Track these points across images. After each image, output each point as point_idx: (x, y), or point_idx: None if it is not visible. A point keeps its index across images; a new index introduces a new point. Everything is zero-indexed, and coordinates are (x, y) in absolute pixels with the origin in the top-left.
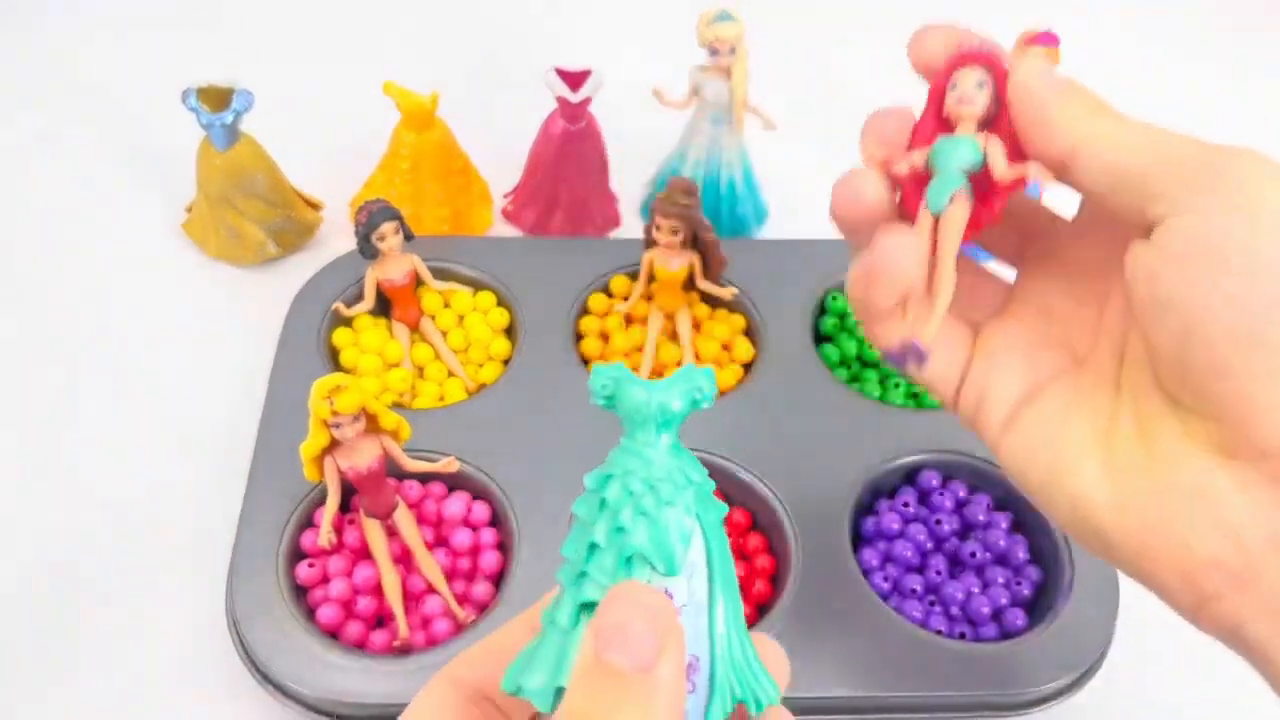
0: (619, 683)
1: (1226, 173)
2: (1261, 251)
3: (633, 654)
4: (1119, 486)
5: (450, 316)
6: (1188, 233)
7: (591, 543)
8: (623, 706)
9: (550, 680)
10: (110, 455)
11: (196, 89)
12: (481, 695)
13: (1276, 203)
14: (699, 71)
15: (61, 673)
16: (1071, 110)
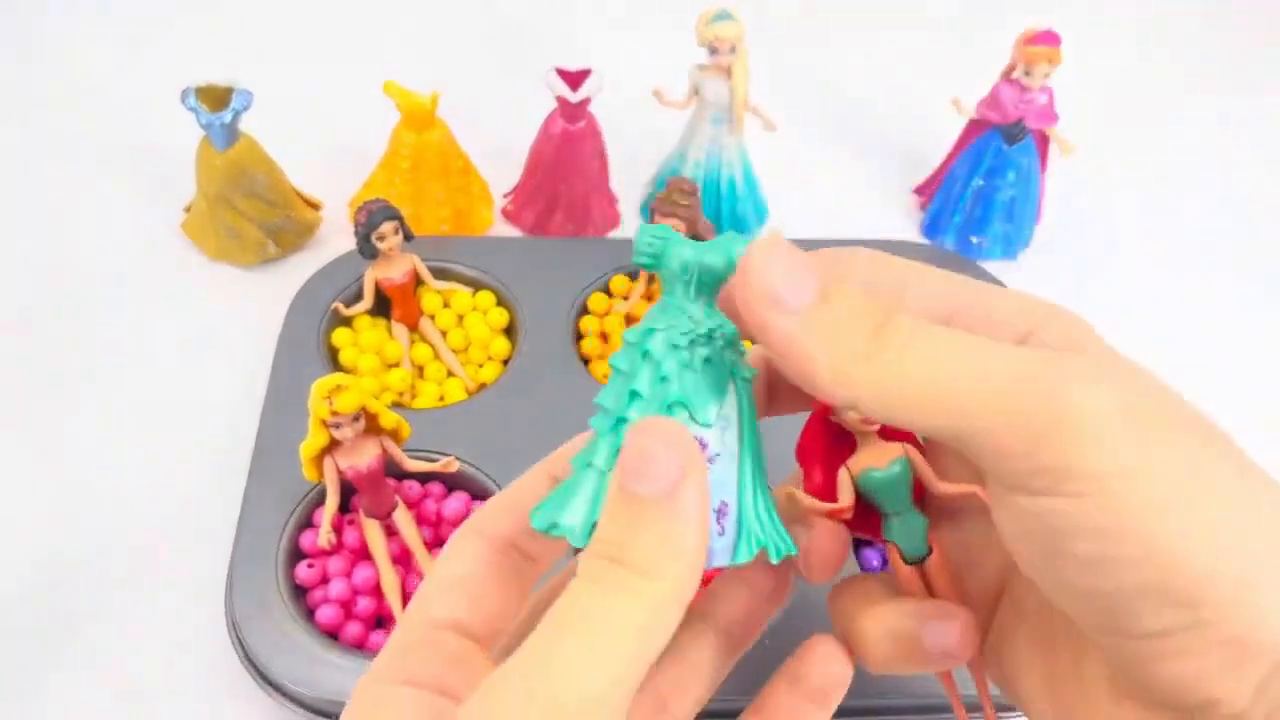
0: (642, 508)
1: (1052, 445)
2: (1100, 538)
3: (654, 480)
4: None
5: (450, 316)
6: (1026, 514)
7: (633, 391)
8: (646, 530)
9: (586, 517)
10: (109, 455)
11: (195, 88)
12: (509, 544)
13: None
14: (699, 71)
15: (61, 673)
16: (836, 355)
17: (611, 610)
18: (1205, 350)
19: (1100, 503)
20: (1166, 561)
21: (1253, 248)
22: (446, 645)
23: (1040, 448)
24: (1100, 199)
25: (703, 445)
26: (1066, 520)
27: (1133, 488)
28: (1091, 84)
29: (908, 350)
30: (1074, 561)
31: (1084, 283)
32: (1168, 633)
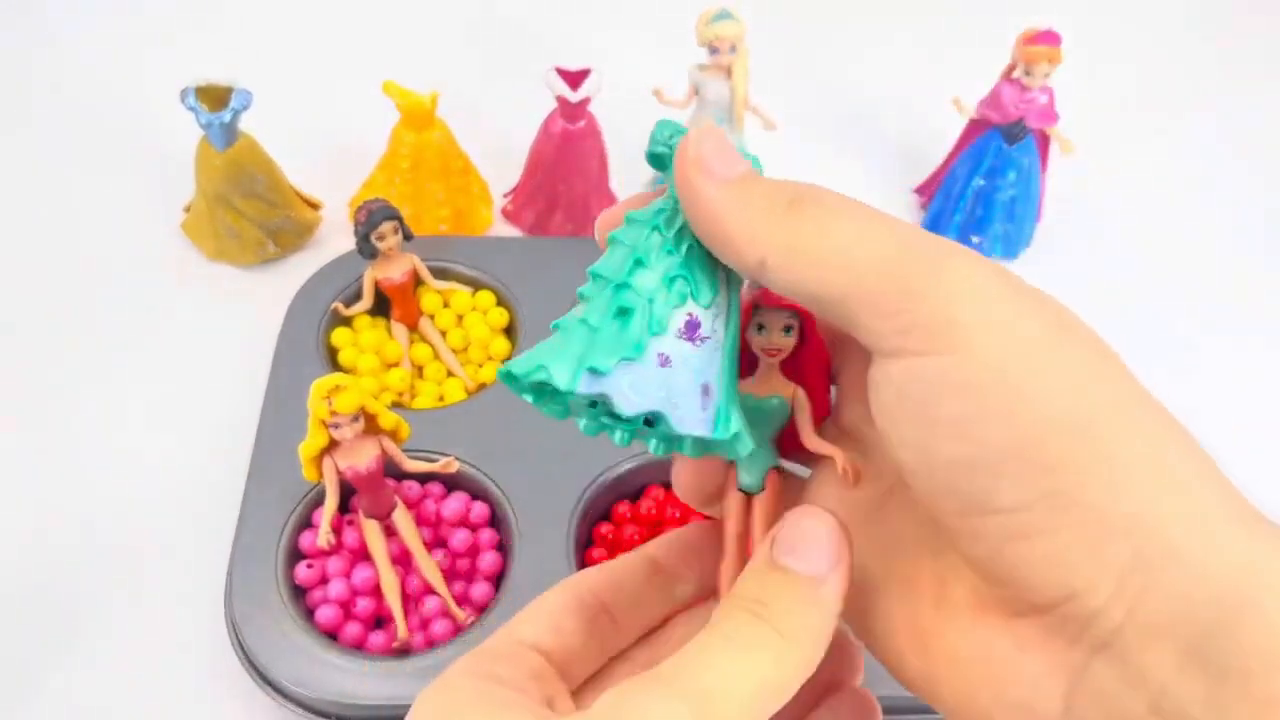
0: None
1: (925, 297)
2: (970, 394)
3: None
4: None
5: (449, 316)
6: (896, 379)
7: (638, 259)
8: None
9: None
10: (109, 454)
11: (195, 88)
12: (600, 605)
13: (980, 324)
14: (699, 71)
15: (61, 672)
16: (750, 216)
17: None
18: (1205, 349)
19: (971, 356)
20: (1030, 417)
21: (1253, 248)
22: (530, 660)
23: (918, 303)
24: (1100, 198)
25: (697, 325)
26: (938, 377)
27: (1002, 342)
28: (1092, 83)
29: (815, 215)
30: (944, 426)
31: (1084, 282)
32: (1027, 505)
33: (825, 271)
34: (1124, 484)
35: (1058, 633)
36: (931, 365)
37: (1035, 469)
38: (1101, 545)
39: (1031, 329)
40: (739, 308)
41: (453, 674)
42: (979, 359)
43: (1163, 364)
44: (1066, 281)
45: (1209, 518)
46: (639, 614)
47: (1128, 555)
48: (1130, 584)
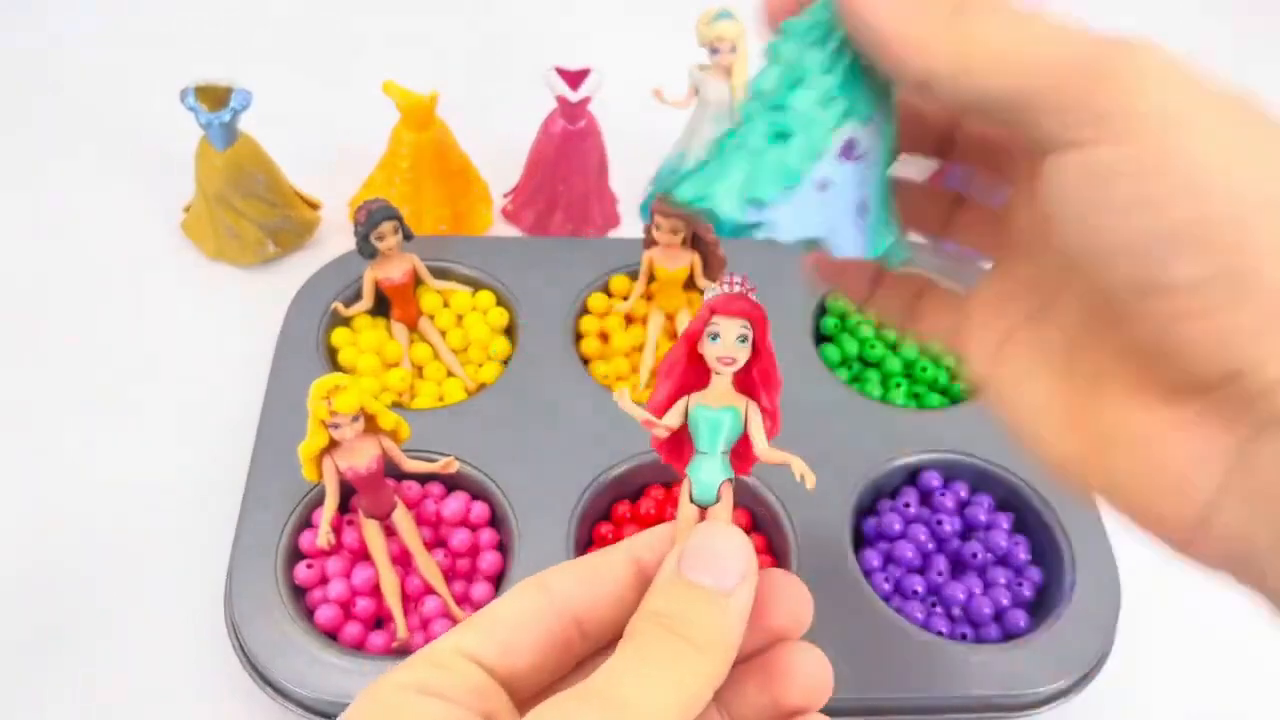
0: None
1: (1102, 88)
2: (1146, 178)
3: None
4: (1079, 439)
5: (449, 316)
6: (1075, 169)
7: (797, 76)
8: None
9: (740, 192)
10: (109, 455)
11: (195, 88)
12: (570, 614)
13: (1159, 111)
14: (699, 71)
15: (61, 673)
16: (916, 23)
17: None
18: None
19: (1146, 141)
20: (1207, 197)
21: None
22: (468, 674)
23: (1095, 95)
24: None
25: (854, 145)
26: (1112, 162)
27: (1179, 128)
28: None
29: (984, 18)
30: (1116, 208)
31: None
32: (1204, 281)
33: (1001, 77)
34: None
35: (1217, 413)
36: (1105, 152)
37: (1216, 246)
38: (1277, 323)
39: (1215, 115)
40: (894, 115)
41: (382, 685)
42: (1154, 145)
43: None
44: None
45: None
46: (614, 624)
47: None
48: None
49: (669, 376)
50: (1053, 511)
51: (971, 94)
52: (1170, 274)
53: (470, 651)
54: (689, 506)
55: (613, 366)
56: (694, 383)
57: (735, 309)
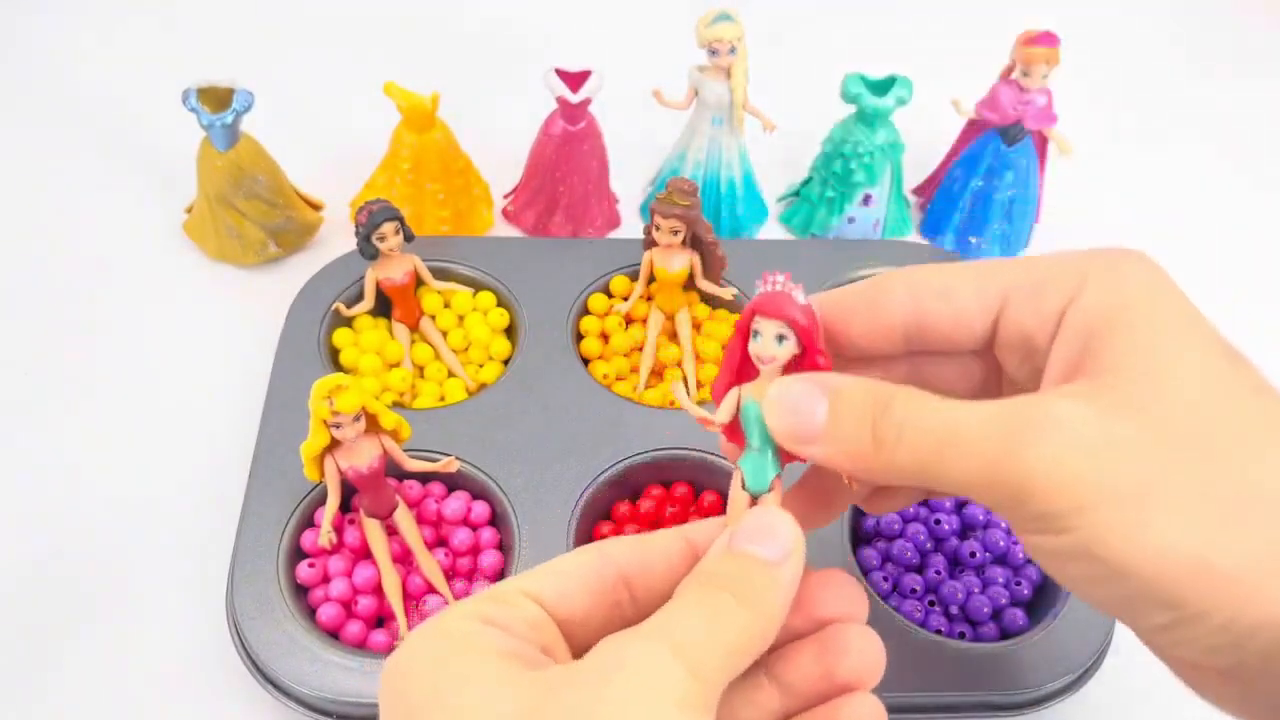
0: (754, 563)
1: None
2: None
3: (772, 547)
4: None
5: (450, 317)
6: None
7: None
8: (755, 577)
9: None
10: (111, 454)
11: (197, 89)
12: (622, 578)
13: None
14: (698, 72)
15: (61, 671)
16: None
17: (716, 622)
18: None
19: (1080, 536)
20: (1145, 576)
21: (1253, 248)
22: (527, 610)
23: (1022, 506)
24: (1100, 199)
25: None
26: (1060, 550)
27: (1099, 520)
28: (1092, 83)
29: (899, 445)
30: (1076, 578)
31: None
32: (1165, 627)
33: (935, 482)
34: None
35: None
36: (1050, 542)
37: (1162, 608)
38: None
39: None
40: None
41: (447, 614)
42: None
43: None
44: None
45: None
46: (663, 594)
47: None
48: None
49: (726, 367)
50: None
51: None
52: (1138, 621)
53: (531, 591)
54: (740, 493)
55: (613, 367)
56: (749, 374)
57: (772, 310)
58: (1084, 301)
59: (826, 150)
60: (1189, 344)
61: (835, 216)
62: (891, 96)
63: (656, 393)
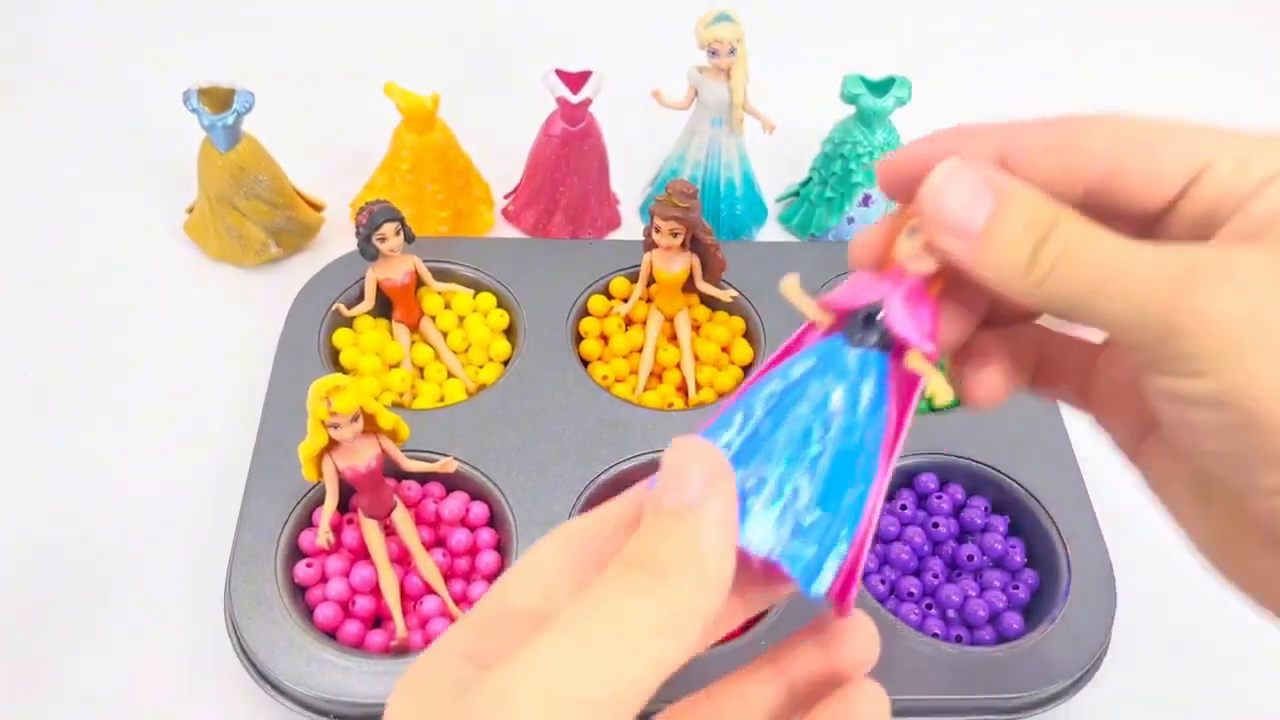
0: (669, 519)
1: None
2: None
3: (680, 492)
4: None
5: (450, 317)
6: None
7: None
8: (669, 538)
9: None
10: (110, 453)
11: (198, 90)
12: (593, 557)
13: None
14: (698, 73)
15: (60, 670)
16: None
17: (627, 609)
18: None
19: (1224, 380)
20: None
21: None
22: (521, 631)
23: (1166, 344)
24: None
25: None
26: (1194, 394)
27: (1250, 367)
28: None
29: (1059, 269)
30: (1198, 425)
31: None
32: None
33: (1078, 317)
34: None
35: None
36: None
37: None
38: None
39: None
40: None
41: (429, 652)
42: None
43: None
44: None
45: None
46: None
47: None
48: None
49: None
50: (1049, 515)
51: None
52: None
53: (518, 604)
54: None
55: (612, 368)
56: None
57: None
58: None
59: (826, 151)
60: None
61: (835, 217)
62: (890, 97)
63: (656, 394)
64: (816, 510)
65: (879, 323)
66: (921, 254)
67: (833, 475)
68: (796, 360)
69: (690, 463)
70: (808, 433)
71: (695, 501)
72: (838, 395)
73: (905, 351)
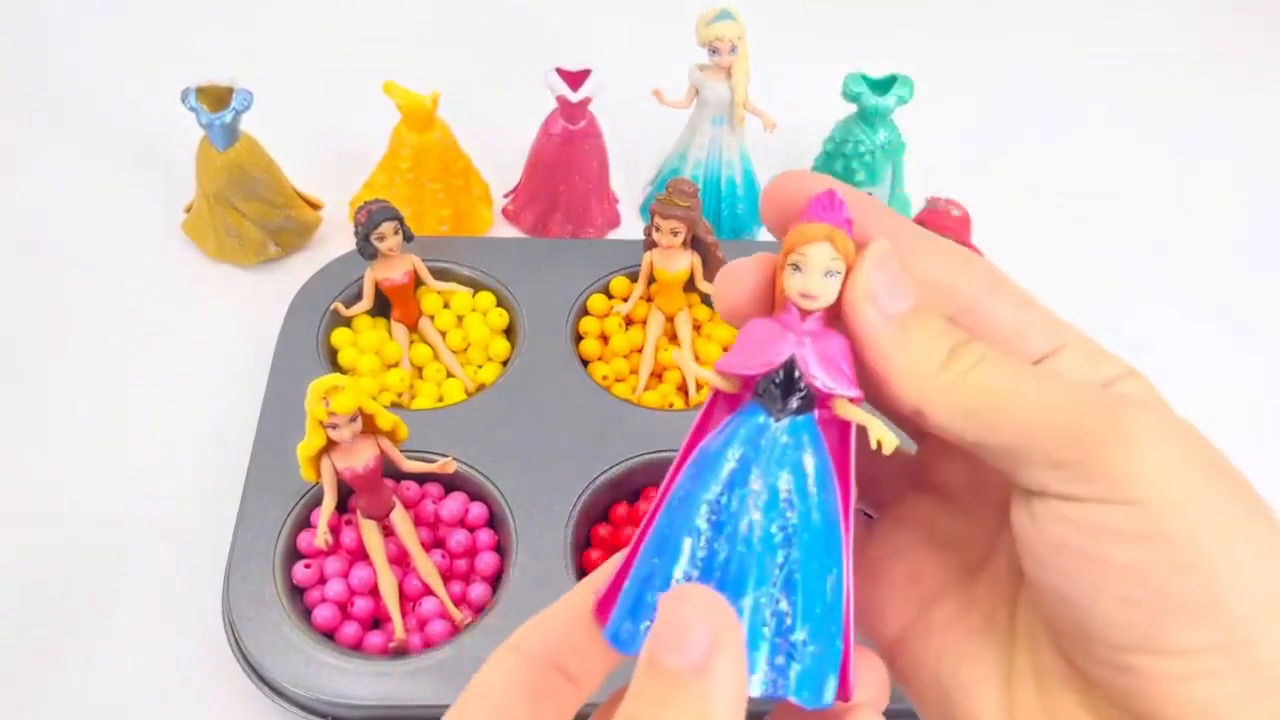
0: (672, 682)
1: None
2: (1150, 544)
3: (685, 652)
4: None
5: (449, 317)
6: (1063, 519)
7: None
8: (676, 708)
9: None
10: (108, 454)
11: (196, 88)
12: (550, 665)
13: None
14: (699, 71)
15: (58, 672)
16: (911, 359)
17: None
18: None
19: (1156, 510)
20: (1215, 578)
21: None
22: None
23: (1096, 456)
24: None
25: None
26: (1116, 525)
27: (1188, 500)
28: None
29: (979, 368)
30: (1116, 568)
31: None
32: (1199, 650)
33: (991, 428)
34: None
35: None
36: (1111, 513)
37: (1212, 623)
38: (1265, 694)
39: (1213, 490)
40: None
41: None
42: (1164, 513)
43: None
44: None
45: None
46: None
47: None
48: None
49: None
50: None
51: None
52: (1162, 640)
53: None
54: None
55: (612, 368)
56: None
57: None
58: None
59: (828, 149)
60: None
61: None
62: (892, 95)
63: (656, 394)
64: (805, 627)
65: (798, 383)
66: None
67: (807, 577)
68: (721, 453)
69: (695, 616)
70: (768, 541)
71: (701, 664)
72: (785, 483)
73: (829, 402)
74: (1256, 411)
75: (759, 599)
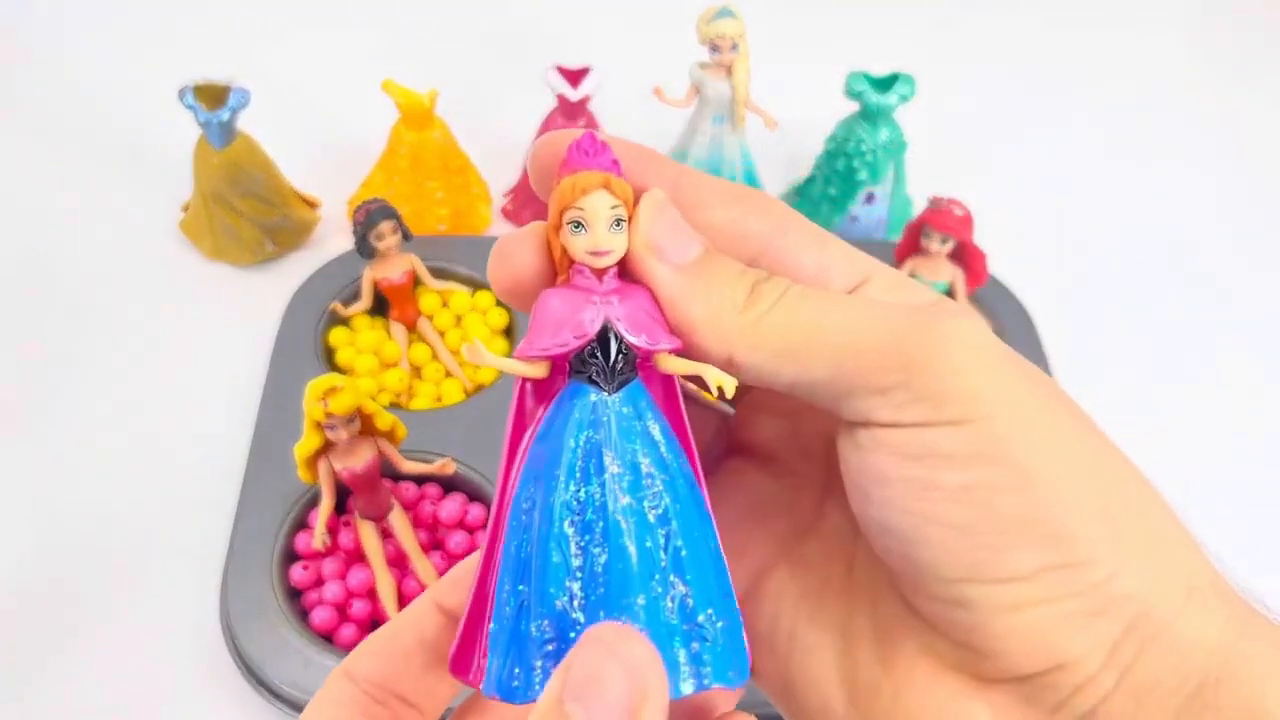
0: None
1: (927, 369)
2: (978, 465)
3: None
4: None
5: (448, 316)
6: (889, 448)
7: None
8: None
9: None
10: (105, 454)
11: (193, 86)
12: (384, 690)
13: (991, 398)
14: (700, 70)
15: (56, 674)
16: (712, 308)
17: None
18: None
19: (982, 429)
20: (1045, 495)
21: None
22: None
23: (918, 376)
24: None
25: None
26: (942, 448)
27: (1011, 415)
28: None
29: (783, 303)
30: (945, 493)
31: None
32: (1031, 575)
33: (805, 362)
34: (1128, 562)
35: (1037, 701)
36: (936, 436)
37: (1044, 543)
38: (1101, 616)
39: (1036, 402)
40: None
41: None
42: (991, 433)
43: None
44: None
45: (1197, 594)
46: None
47: (1122, 627)
48: (1123, 653)
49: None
50: None
51: (774, 378)
52: (998, 565)
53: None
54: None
55: None
56: None
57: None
58: None
59: (829, 148)
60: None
61: (838, 215)
62: (894, 94)
63: None
64: (707, 603)
65: (621, 348)
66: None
67: (692, 550)
68: (559, 444)
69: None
70: (644, 524)
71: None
72: (642, 458)
73: (651, 360)
74: (1250, 399)
75: (654, 590)
